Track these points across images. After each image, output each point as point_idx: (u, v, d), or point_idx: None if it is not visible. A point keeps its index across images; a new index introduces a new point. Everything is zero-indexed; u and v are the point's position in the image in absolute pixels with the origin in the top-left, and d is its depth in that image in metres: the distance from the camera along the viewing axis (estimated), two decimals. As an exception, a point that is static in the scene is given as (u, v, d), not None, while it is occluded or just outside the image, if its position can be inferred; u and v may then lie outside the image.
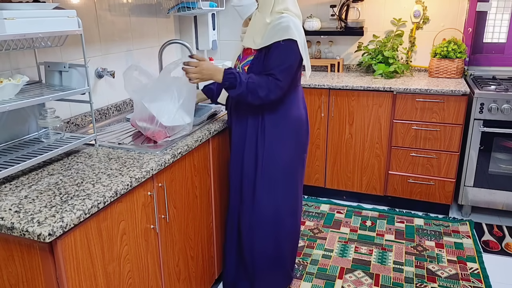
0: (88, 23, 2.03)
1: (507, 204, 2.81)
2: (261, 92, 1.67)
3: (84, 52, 1.59)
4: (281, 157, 1.84)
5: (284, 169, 1.86)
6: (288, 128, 1.83)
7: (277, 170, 1.85)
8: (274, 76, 1.67)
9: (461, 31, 3.11)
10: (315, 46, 3.50)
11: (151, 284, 1.55)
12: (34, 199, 1.22)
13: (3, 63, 1.62)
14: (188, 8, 2.58)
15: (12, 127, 1.62)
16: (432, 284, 2.25)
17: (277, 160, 1.84)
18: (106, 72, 2.12)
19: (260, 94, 1.67)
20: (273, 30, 1.67)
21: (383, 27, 3.28)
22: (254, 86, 1.67)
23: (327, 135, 3.04)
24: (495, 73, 3.11)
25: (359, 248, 2.58)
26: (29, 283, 1.16)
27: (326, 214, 3.00)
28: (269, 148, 1.82)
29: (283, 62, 1.67)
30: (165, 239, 1.63)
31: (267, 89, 1.67)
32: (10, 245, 1.14)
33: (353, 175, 3.07)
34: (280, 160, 1.84)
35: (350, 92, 2.89)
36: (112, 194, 1.27)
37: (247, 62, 1.78)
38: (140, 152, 1.62)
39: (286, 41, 1.65)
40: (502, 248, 2.57)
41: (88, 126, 2.01)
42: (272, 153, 1.82)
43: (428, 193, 2.92)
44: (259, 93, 1.67)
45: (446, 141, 2.78)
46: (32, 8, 1.39)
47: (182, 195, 1.74)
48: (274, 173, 1.85)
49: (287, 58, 1.68)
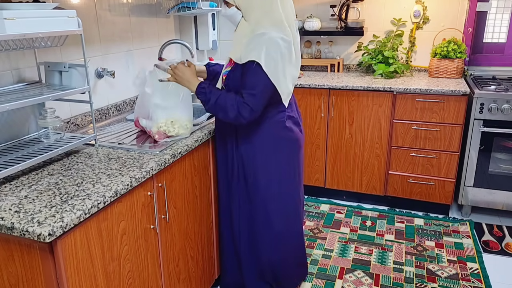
0: (88, 23, 2.03)
1: (507, 204, 2.80)
2: (231, 113, 1.60)
3: (84, 52, 1.59)
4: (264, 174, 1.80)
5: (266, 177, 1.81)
6: (263, 145, 1.76)
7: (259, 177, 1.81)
8: (244, 98, 1.59)
9: (461, 31, 3.11)
10: (315, 46, 3.50)
11: (151, 284, 1.55)
12: (34, 199, 1.22)
13: (3, 63, 1.62)
14: (188, 8, 2.58)
15: (12, 127, 1.62)
16: (432, 284, 2.25)
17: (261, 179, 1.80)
18: (106, 72, 2.12)
19: (229, 115, 1.61)
20: (248, 47, 1.58)
21: (383, 27, 3.28)
22: (224, 105, 1.61)
23: (327, 135, 3.04)
24: (495, 73, 3.11)
25: (359, 248, 2.58)
26: (29, 283, 1.16)
27: (326, 214, 3.00)
28: (245, 154, 1.78)
29: (254, 87, 1.59)
30: (165, 239, 1.63)
31: (237, 111, 1.59)
32: (10, 245, 1.14)
33: (353, 175, 3.07)
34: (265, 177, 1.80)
35: (350, 92, 2.89)
36: (112, 194, 1.27)
37: (225, 72, 1.73)
38: (140, 152, 1.62)
39: (256, 65, 1.56)
40: (502, 248, 2.57)
41: (88, 126, 2.01)
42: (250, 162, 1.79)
43: (428, 193, 2.92)
44: (228, 113, 1.61)
45: (446, 141, 2.78)
46: (32, 8, 1.39)
47: (182, 195, 1.74)
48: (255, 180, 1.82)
49: (257, 83, 1.59)
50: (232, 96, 1.62)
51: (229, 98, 1.61)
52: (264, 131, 1.75)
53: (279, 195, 1.86)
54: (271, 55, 1.57)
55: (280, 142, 1.78)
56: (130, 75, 2.37)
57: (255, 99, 1.59)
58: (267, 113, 1.72)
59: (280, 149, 1.80)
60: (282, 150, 1.80)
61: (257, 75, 1.58)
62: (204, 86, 1.66)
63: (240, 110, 1.59)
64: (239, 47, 1.64)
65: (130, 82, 2.37)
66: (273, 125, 1.75)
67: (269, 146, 1.77)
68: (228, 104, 1.60)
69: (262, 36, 1.57)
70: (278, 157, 1.80)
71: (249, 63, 1.58)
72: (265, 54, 1.55)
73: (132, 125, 2.01)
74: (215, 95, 1.63)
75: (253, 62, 1.56)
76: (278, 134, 1.77)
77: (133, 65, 2.39)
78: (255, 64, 1.56)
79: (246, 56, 1.58)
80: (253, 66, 1.57)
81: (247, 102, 1.59)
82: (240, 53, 1.62)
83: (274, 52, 1.58)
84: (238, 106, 1.59)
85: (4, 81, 1.63)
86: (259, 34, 1.59)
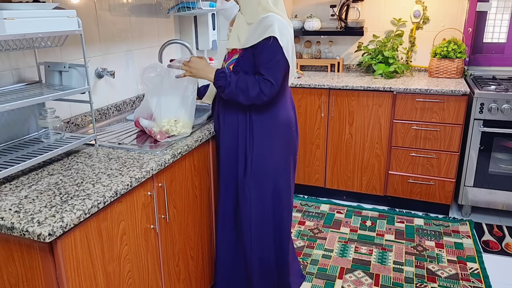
0: (88, 23, 2.03)
1: (507, 204, 2.80)
2: (252, 91, 1.64)
3: (84, 52, 1.59)
4: (270, 159, 1.81)
5: (274, 171, 1.83)
6: (277, 129, 1.80)
7: (267, 172, 1.82)
8: (263, 76, 1.65)
9: (461, 31, 3.11)
10: (315, 46, 3.50)
11: (151, 284, 1.55)
12: (34, 199, 1.22)
13: (3, 63, 1.62)
14: (188, 8, 2.58)
15: (12, 127, 1.62)
16: (432, 284, 2.25)
17: (266, 162, 1.81)
18: (106, 72, 2.12)
19: (251, 94, 1.65)
20: (257, 29, 1.64)
21: (383, 27, 3.29)
22: (245, 85, 1.65)
23: (327, 135, 3.04)
24: (495, 73, 3.11)
25: (359, 248, 2.58)
26: (29, 283, 1.16)
27: (326, 214, 3.00)
28: (258, 149, 1.79)
29: (270, 60, 1.64)
30: (165, 239, 1.63)
31: (259, 88, 1.64)
32: (10, 245, 1.14)
33: (353, 175, 3.07)
34: (270, 162, 1.82)
35: (350, 92, 2.89)
36: (112, 194, 1.27)
37: (232, 61, 1.75)
38: (140, 152, 1.62)
39: (273, 39, 1.62)
40: (502, 248, 2.57)
41: (88, 126, 2.01)
42: (261, 155, 1.79)
43: (428, 193, 2.92)
44: (250, 93, 1.65)
45: (446, 141, 2.78)
46: (32, 8, 1.39)
47: (182, 195, 1.74)
48: (263, 175, 1.82)
49: (274, 56, 1.64)
50: (251, 76, 1.66)
51: (249, 78, 1.66)
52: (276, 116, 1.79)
53: (286, 183, 1.89)
54: (283, 32, 1.64)
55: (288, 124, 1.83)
56: (130, 75, 2.37)
57: (275, 73, 1.64)
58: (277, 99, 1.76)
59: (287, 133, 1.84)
60: (288, 133, 1.85)
61: (275, 50, 1.63)
62: (223, 70, 1.70)
63: (261, 87, 1.63)
64: (243, 34, 1.68)
65: (130, 82, 2.37)
66: (281, 110, 1.79)
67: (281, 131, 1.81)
68: (249, 84, 1.64)
69: (270, 17, 1.63)
70: (287, 140, 1.85)
71: (264, 42, 1.62)
72: (278, 30, 1.61)
73: (132, 125, 2.01)
74: (235, 78, 1.66)
75: (269, 38, 1.61)
76: (287, 116, 1.82)
77: (133, 65, 2.39)
78: (272, 39, 1.61)
79: (259, 36, 1.62)
80: (269, 42, 1.61)
81: (267, 78, 1.63)
82: (245, 39, 1.67)
83: (285, 30, 1.65)
84: (259, 83, 1.64)
85: (4, 81, 1.63)
86: (265, 16, 1.64)
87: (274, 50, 1.63)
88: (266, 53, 1.64)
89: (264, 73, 1.64)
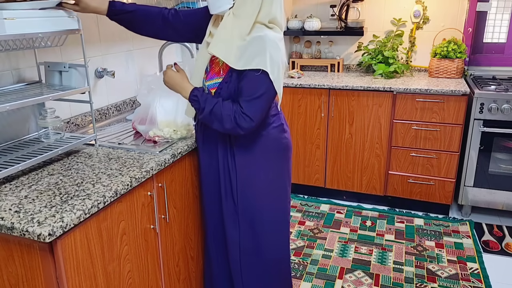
0: (88, 23, 2.03)
1: (507, 204, 2.81)
2: (227, 124, 1.45)
3: (84, 52, 1.59)
4: (258, 189, 1.62)
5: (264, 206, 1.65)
6: (264, 153, 1.61)
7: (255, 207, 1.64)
8: (242, 108, 1.44)
9: (461, 31, 3.11)
10: (315, 46, 3.50)
11: (151, 284, 1.55)
12: (34, 199, 1.22)
13: (3, 63, 1.62)
14: (188, 8, 2.58)
15: (12, 127, 1.62)
16: (432, 284, 2.25)
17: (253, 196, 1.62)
18: (106, 72, 2.12)
19: (226, 126, 1.46)
20: (246, 51, 1.42)
21: (383, 27, 3.29)
22: (220, 115, 1.45)
23: (327, 135, 3.04)
24: (495, 73, 3.11)
25: (359, 248, 2.58)
26: (29, 283, 1.16)
27: (326, 214, 3.00)
28: (242, 176, 1.61)
29: (253, 94, 1.44)
30: (165, 239, 1.63)
31: (235, 122, 1.45)
32: (10, 245, 1.14)
33: (353, 175, 3.07)
34: (258, 193, 1.63)
35: (350, 92, 2.89)
36: (112, 194, 1.27)
37: (214, 84, 1.54)
38: (140, 152, 1.62)
39: (261, 72, 1.41)
40: (502, 248, 2.57)
41: (88, 126, 2.01)
42: (247, 182, 1.61)
43: (428, 193, 2.92)
44: (224, 125, 1.46)
45: (446, 141, 2.78)
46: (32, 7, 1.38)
47: (182, 195, 1.74)
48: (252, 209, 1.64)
49: (257, 90, 1.44)
50: (229, 105, 1.46)
51: (225, 107, 1.45)
52: (263, 138, 1.60)
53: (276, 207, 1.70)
54: (274, 60, 1.43)
55: (279, 147, 1.65)
56: (130, 75, 2.37)
57: (255, 108, 1.45)
58: (265, 119, 1.59)
59: (279, 156, 1.66)
60: (281, 157, 1.67)
61: (261, 84, 1.44)
62: (197, 94, 1.50)
63: (238, 121, 1.45)
64: (231, 48, 1.45)
65: (130, 82, 2.37)
66: (271, 130, 1.61)
67: (270, 152, 1.63)
68: (224, 114, 1.45)
69: (263, 39, 1.42)
70: (278, 165, 1.66)
71: (251, 70, 1.42)
72: (270, 60, 1.42)
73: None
74: (210, 103, 1.47)
75: (257, 70, 1.42)
76: (278, 139, 1.64)
77: (133, 65, 2.39)
78: (261, 72, 1.42)
79: (247, 62, 1.42)
80: (256, 74, 1.42)
81: (246, 112, 1.44)
82: (234, 56, 1.44)
83: (276, 56, 1.44)
84: (235, 116, 1.44)
85: (4, 81, 1.62)
86: (258, 36, 1.43)
87: (260, 84, 1.44)
88: (251, 84, 1.44)
89: (243, 106, 1.44)
